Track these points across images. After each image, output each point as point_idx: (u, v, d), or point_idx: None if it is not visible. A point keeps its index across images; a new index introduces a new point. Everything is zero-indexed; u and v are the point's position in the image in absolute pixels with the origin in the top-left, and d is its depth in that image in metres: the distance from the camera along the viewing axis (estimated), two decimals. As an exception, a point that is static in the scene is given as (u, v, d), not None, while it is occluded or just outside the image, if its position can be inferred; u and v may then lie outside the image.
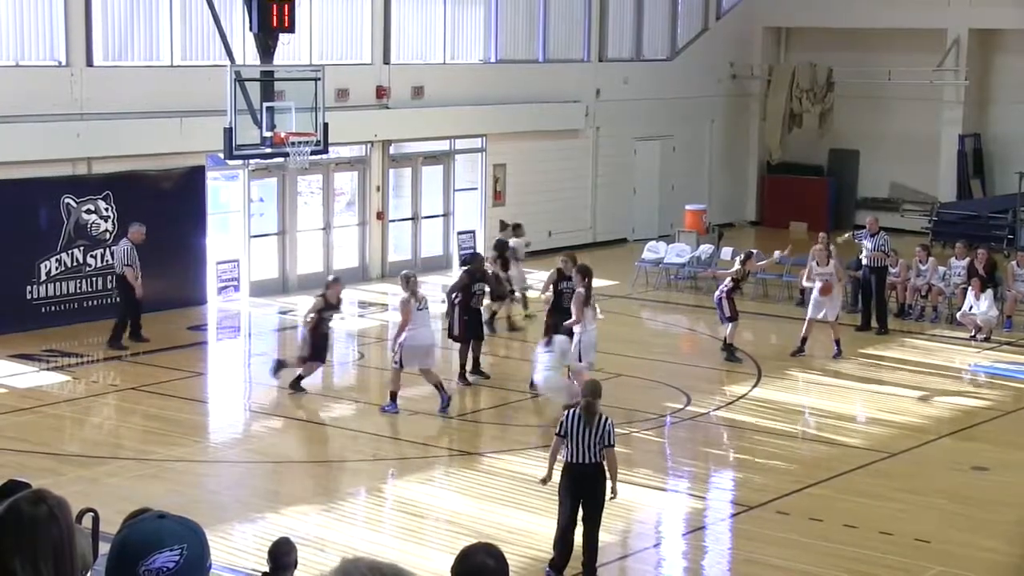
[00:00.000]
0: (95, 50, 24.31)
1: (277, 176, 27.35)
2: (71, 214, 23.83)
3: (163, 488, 15.50)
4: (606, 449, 12.98)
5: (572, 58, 33.50)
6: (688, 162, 36.27)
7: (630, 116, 34.10)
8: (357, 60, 28.77)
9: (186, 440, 17.88)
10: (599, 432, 12.93)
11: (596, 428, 12.93)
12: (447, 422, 18.65)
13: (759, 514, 15.32)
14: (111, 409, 19.65)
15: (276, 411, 19.47)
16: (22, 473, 11.67)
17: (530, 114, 31.62)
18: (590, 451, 12.92)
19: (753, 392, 20.63)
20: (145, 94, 24.61)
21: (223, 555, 12.63)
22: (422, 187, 30.49)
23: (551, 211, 32.06)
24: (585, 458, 12.93)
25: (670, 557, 14.84)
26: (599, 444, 12.93)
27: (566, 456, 13.06)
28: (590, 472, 12.97)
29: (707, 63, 36.53)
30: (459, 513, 15.04)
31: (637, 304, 27.10)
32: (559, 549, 13.14)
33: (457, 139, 30.83)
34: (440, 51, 30.70)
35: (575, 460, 12.97)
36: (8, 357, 21.40)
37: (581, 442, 12.89)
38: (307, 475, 16.82)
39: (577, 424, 12.92)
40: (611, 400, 19.91)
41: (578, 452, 12.92)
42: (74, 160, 23.92)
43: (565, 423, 13.01)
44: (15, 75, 23.27)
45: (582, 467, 12.95)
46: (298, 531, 13.51)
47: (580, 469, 12.96)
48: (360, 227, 29.17)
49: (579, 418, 12.96)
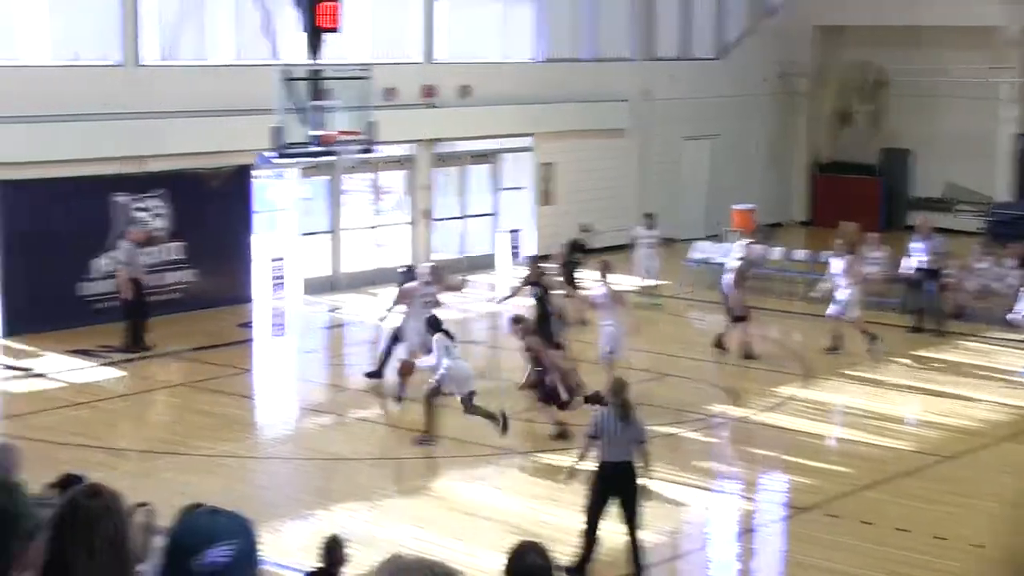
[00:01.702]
0: (147, 49, 24.48)
1: (325, 175, 27.44)
2: (124, 212, 24.00)
3: (215, 483, 15.59)
4: (639, 445, 13.04)
5: (620, 57, 33.45)
6: (736, 161, 36.13)
7: (678, 115, 34.01)
8: (405, 59, 28.83)
9: (237, 436, 17.99)
10: (633, 429, 13.00)
11: (630, 426, 12.98)
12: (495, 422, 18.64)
13: (809, 517, 15.24)
14: (164, 405, 19.80)
15: (325, 408, 19.54)
16: (78, 467, 11.76)
17: (577, 113, 31.58)
18: (623, 449, 12.97)
19: (802, 393, 20.53)
20: (195, 93, 24.76)
21: (274, 551, 12.69)
22: (469, 186, 30.53)
23: (598, 210, 31.96)
24: (618, 456, 12.97)
25: (719, 559, 14.78)
26: (632, 442, 12.99)
27: (600, 455, 13.09)
28: (623, 471, 12.99)
29: (755, 61, 36.39)
30: (507, 511, 15.04)
31: (684, 304, 27.03)
32: (585, 543, 13.11)
33: (504, 138, 30.83)
34: (488, 50, 30.72)
35: (609, 459, 13.00)
36: (64, 352, 21.58)
37: (615, 441, 12.95)
38: (357, 472, 16.85)
39: (611, 423, 12.96)
40: (659, 400, 19.95)
41: (612, 451, 12.97)
42: (126, 158, 24.09)
43: (599, 423, 13.05)
44: (70, 74, 23.45)
45: (615, 466, 12.98)
46: (347, 528, 13.54)
47: (613, 468, 12.98)
48: (407, 226, 29.23)
49: (613, 417, 12.99)
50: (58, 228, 22.80)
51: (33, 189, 22.63)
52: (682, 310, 26.51)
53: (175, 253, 24.77)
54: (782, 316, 25.60)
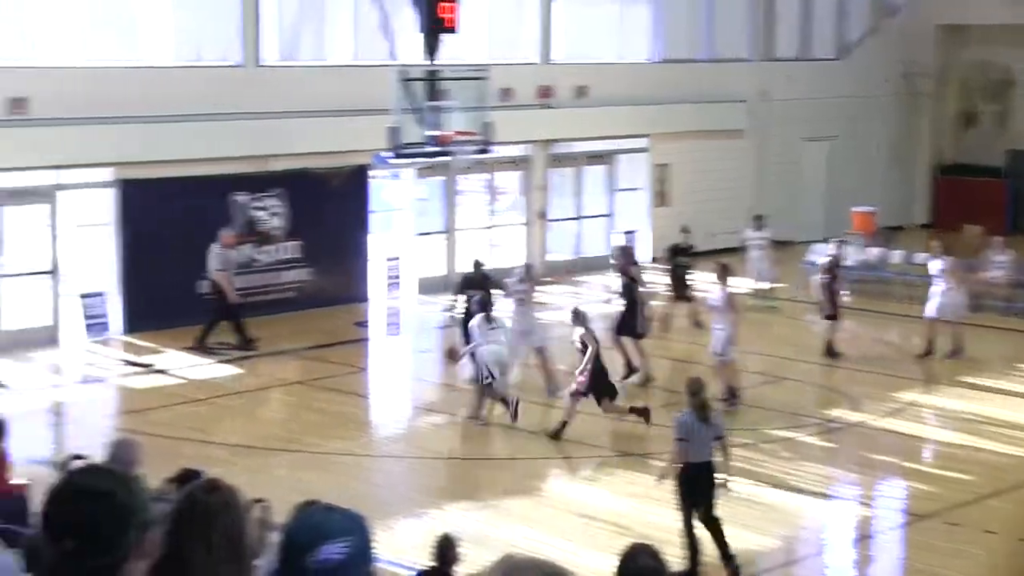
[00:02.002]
0: (268, 50, 24.76)
1: (441, 175, 27.57)
2: (242, 211, 24.31)
3: (329, 481, 15.71)
4: (719, 441, 13.22)
5: (738, 57, 33.20)
6: (856, 163, 35.68)
7: (797, 116, 33.67)
8: (522, 60, 28.86)
9: (351, 434, 18.13)
10: (713, 428, 13.20)
11: (710, 425, 13.19)
12: (613, 423, 18.58)
13: (929, 524, 14.99)
14: (280, 402, 20.01)
15: (439, 407, 19.61)
16: (196, 463, 11.91)
17: (694, 114, 31.40)
18: (707, 448, 13.16)
19: (922, 399, 20.21)
20: (315, 94, 24.99)
21: (387, 549, 12.75)
22: (584, 187, 30.49)
23: (714, 212, 31.76)
24: (703, 456, 13.16)
25: (836, 565, 14.60)
26: (713, 440, 13.18)
27: (687, 458, 13.21)
28: (705, 470, 13.19)
29: (877, 61, 35.91)
30: (619, 513, 14.98)
31: (802, 307, 26.72)
32: (690, 547, 13.13)
33: (620, 139, 30.74)
34: (604, 50, 30.66)
35: (695, 460, 13.16)
36: (183, 349, 21.90)
37: (701, 441, 13.13)
38: (469, 471, 16.90)
39: (695, 424, 13.13)
40: (775, 404, 19.78)
41: (698, 451, 13.14)
42: (246, 158, 24.39)
43: (685, 426, 13.16)
44: (192, 75, 23.79)
45: (699, 466, 13.15)
46: (461, 527, 13.57)
47: (698, 468, 13.15)
48: (522, 226, 29.26)
49: (696, 418, 13.16)
50: (178, 227, 23.13)
51: (153, 188, 22.97)
52: (798, 313, 26.21)
53: (292, 252, 25.02)
54: (901, 320, 25.22)
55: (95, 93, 22.29)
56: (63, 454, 14.86)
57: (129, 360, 21.60)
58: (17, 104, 21.61)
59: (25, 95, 21.69)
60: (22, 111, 21.67)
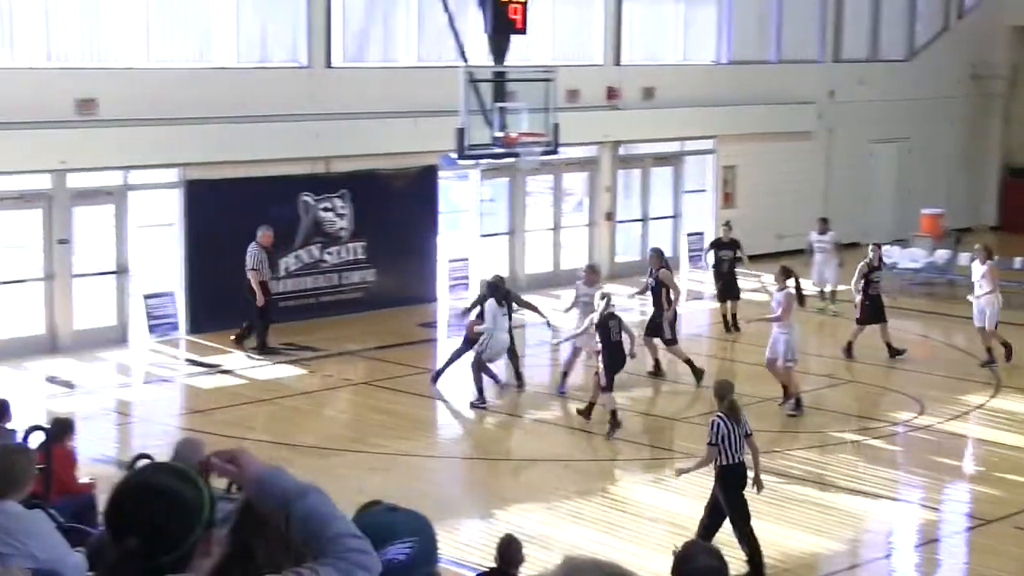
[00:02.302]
0: (334, 52, 24.87)
1: (508, 176, 27.59)
2: (309, 211, 24.44)
3: (393, 481, 15.75)
4: (748, 439, 13.29)
5: (806, 58, 33.00)
6: (925, 165, 35.37)
7: (865, 117, 33.42)
8: (588, 61, 28.84)
9: (416, 435, 18.16)
10: (743, 427, 13.28)
11: (740, 424, 13.27)
12: (669, 424, 18.54)
13: (996, 528, 14.84)
14: (344, 403, 20.09)
15: (503, 408, 19.63)
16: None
17: (762, 115, 31.25)
18: (741, 449, 13.24)
19: (991, 403, 20.00)
20: (381, 95, 25.08)
21: (450, 549, 12.78)
22: (651, 188, 30.42)
23: (781, 214, 31.62)
24: (738, 457, 13.22)
25: (902, 569, 14.48)
26: (743, 439, 13.25)
27: (724, 460, 13.20)
28: (744, 470, 13.28)
29: (947, 63, 35.59)
30: (681, 515, 14.92)
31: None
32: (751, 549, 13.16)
33: (687, 140, 30.65)
34: (671, 52, 30.58)
35: (734, 461, 13.21)
36: (249, 350, 22.03)
37: (735, 442, 13.19)
38: (533, 473, 16.89)
39: (728, 426, 13.17)
40: (840, 407, 19.65)
41: (733, 453, 13.20)
42: (313, 159, 24.52)
43: (720, 430, 13.17)
44: (259, 76, 23.94)
45: (738, 467, 13.23)
46: (524, 528, 13.58)
47: (738, 469, 13.24)
48: (589, 228, 29.23)
49: (728, 420, 13.20)
50: (243, 227, 23.26)
51: (219, 189, 23.13)
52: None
53: (359, 253, 25.12)
54: (968, 323, 24.95)
55: (163, 94, 22.48)
56: (129, 454, 15.01)
57: (192, 360, 21.75)
58: (86, 105, 21.83)
59: (94, 96, 21.91)
60: (91, 112, 21.89)
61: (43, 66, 21.59)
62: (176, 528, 3.48)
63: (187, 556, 3.48)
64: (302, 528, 3.64)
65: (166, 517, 3.47)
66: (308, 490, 3.72)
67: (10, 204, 21.60)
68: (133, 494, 3.53)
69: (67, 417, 13.92)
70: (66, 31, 21.91)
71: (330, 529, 3.62)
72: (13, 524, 7.23)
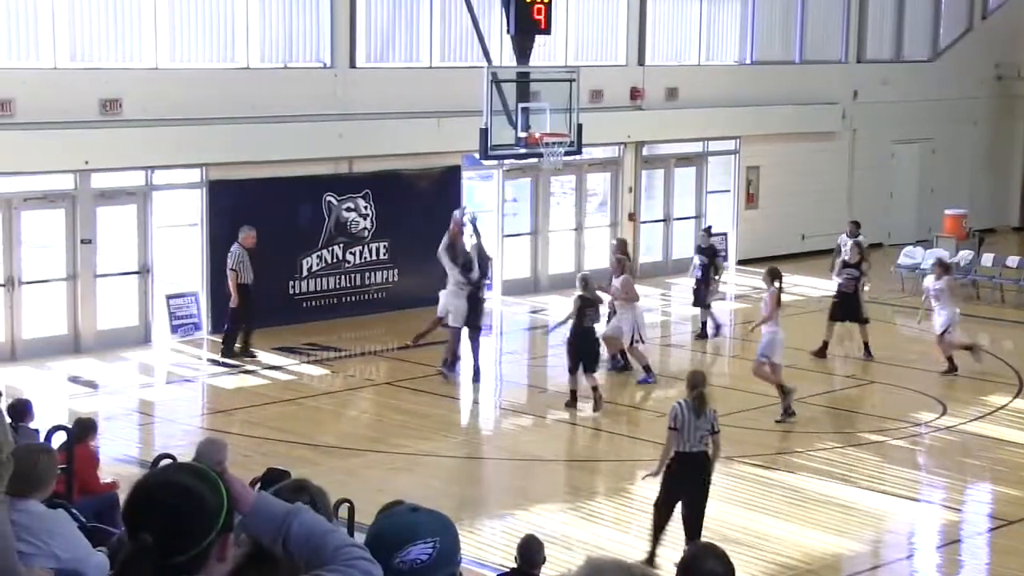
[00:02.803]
0: (358, 52, 24.91)
1: (531, 176, 27.60)
2: (332, 212, 24.49)
3: (415, 481, 15.79)
4: (712, 436, 13.20)
5: (829, 59, 32.93)
6: (948, 165, 35.27)
7: (888, 118, 33.34)
8: (612, 61, 28.83)
9: (437, 435, 18.17)
10: (708, 420, 13.16)
11: (703, 418, 13.15)
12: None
13: (1018, 529, 14.79)
14: (366, 403, 20.12)
15: (525, 409, 19.64)
16: (282, 463, 12.03)
17: (785, 116, 31.19)
18: (697, 439, 13.16)
19: (1014, 403, 19.94)
20: (405, 95, 25.11)
21: (472, 549, 12.79)
22: (674, 188, 30.39)
23: (805, 214, 31.59)
24: (693, 447, 13.16)
25: (923, 569, 14.46)
26: (706, 432, 13.17)
27: (677, 446, 13.23)
28: (698, 460, 13.20)
29: (971, 64, 35.47)
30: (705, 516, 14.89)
31: (892, 310, 26.45)
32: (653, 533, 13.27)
33: (710, 140, 30.62)
34: (695, 52, 30.55)
35: (685, 449, 13.20)
36: (271, 350, 22.08)
37: (691, 432, 13.15)
38: (555, 473, 16.91)
39: (689, 415, 13.14)
40: (863, 407, 19.62)
41: (688, 441, 13.16)
42: (336, 159, 24.57)
43: (679, 415, 13.17)
44: (283, 76, 24.00)
45: (691, 456, 13.18)
46: (545, 528, 13.60)
47: (690, 458, 13.18)
48: (612, 228, 29.20)
49: (691, 408, 13.16)
50: (268, 227, 23.33)
51: (242, 189, 23.20)
52: (888, 316, 25.93)
53: (381, 253, 25.16)
54: (992, 323, 24.92)
55: (187, 94, 22.55)
56: (152, 454, 15.06)
57: (215, 360, 21.80)
58: (110, 105, 21.92)
59: (118, 96, 21.99)
60: (115, 112, 21.98)
61: (67, 66, 21.68)
62: (193, 528, 3.47)
63: (202, 558, 3.47)
64: (304, 544, 3.70)
65: (183, 516, 3.46)
66: (300, 508, 3.80)
67: (34, 204, 21.70)
68: (152, 491, 3.53)
69: (90, 417, 13.98)
70: (90, 31, 21.99)
71: (332, 541, 3.69)
72: (36, 523, 7.26)
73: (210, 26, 23.33)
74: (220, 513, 3.51)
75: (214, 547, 3.48)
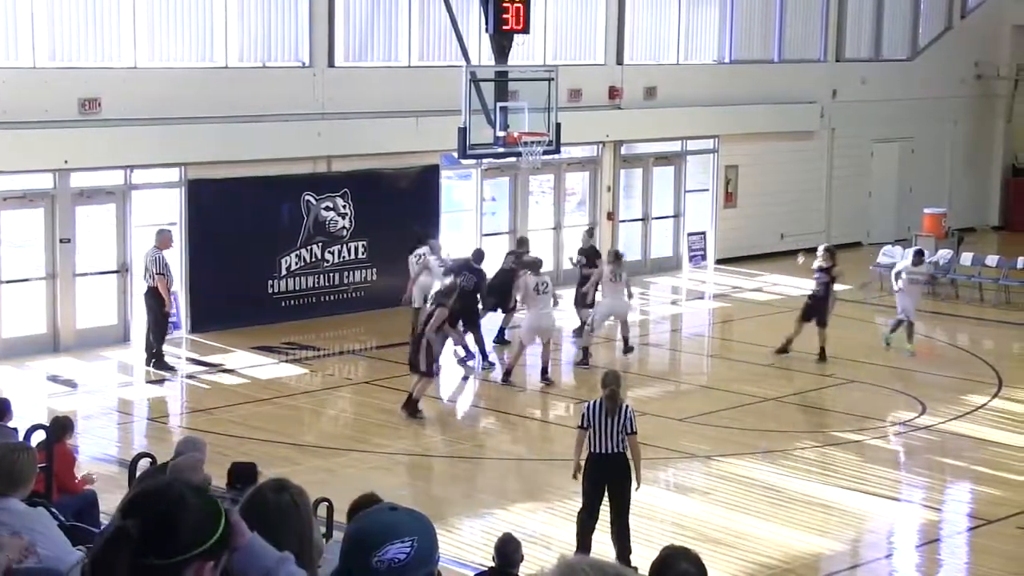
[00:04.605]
0: (337, 51, 24.87)
1: (509, 176, 27.60)
2: (310, 211, 24.45)
3: (394, 480, 15.78)
4: (629, 437, 13.03)
5: (808, 58, 33.00)
6: (928, 164, 35.38)
7: (867, 117, 33.42)
8: (590, 60, 28.84)
9: (416, 434, 18.16)
10: (621, 420, 12.98)
11: (618, 417, 12.97)
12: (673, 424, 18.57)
13: (998, 529, 14.83)
14: (346, 402, 20.09)
15: (504, 407, 19.64)
16: (262, 462, 12.00)
17: (764, 115, 31.24)
18: (613, 440, 12.98)
19: (993, 402, 20.00)
20: (383, 94, 25.09)
21: (450, 548, 12.79)
22: (653, 188, 30.42)
23: (784, 213, 31.66)
24: (608, 448, 12.99)
25: (903, 569, 14.49)
26: (622, 433, 12.99)
27: (590, 447, 13.10)
28: (615, 462, 13.02)
29: (950, 63, 35.57)
30: (685, 515, 14.94)
31: (871, 309, 26.53)
32: (578, 536, 13.09)
33: (689, 140, 30.65)
34: (673, 51, 30.57)
35: (599, 450, 13.03)
36: (250, 349, 22.05)
37: (604, 432, 12.97)
38: (534, 472, 16.90)
39: (600, 414, 12.99)
40: (843, 406, 19.65)
41: (601, 442, 13.00)
42: (315, 158, 24.54)
43: (588, 414, 13.06)
44: (262, 76, 23.95)
45: (606, 457, 13.01)
46: (524, 528, 13.60)
47: (605, 459, 13.01)
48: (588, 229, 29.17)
49: (602, 407, 13.01)
50: (246, 227, 23.29)
51: (222, 188, 23.15)
52: (867, 315, 26.01)
53: (360, 252, 25.12)
54: (972, 322, 25.00)
55: (166, 94, 22.49)
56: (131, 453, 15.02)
57: (194, 359, 21.74)
58: (89, 104, 21.85)
59: (97, 96, 21.93)
60: (94, 111, 21.92)
61: (46, 66, 21.61)
62: (177, 534, 3.44)
63: (176, 569, 3.44)
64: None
65: (171, 519, 3.45)
66: (289, 558, 3.97)
67: (13, 203, 21.61)
68: (154, 490, 3.53)
69: (66, 416, 13.93)
70: (69, 31, 21.92)
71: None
72: (16, 521, 7.23)
73: (189, 25, 23.26)
74: (210, 536, 3.49)
75: (191, 565, 3.45)
